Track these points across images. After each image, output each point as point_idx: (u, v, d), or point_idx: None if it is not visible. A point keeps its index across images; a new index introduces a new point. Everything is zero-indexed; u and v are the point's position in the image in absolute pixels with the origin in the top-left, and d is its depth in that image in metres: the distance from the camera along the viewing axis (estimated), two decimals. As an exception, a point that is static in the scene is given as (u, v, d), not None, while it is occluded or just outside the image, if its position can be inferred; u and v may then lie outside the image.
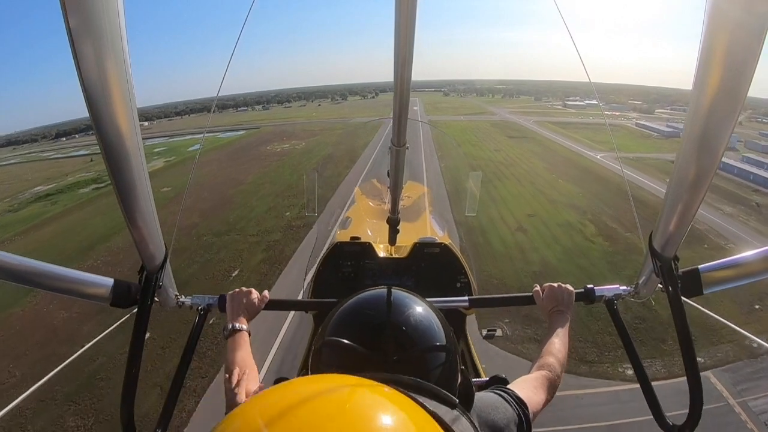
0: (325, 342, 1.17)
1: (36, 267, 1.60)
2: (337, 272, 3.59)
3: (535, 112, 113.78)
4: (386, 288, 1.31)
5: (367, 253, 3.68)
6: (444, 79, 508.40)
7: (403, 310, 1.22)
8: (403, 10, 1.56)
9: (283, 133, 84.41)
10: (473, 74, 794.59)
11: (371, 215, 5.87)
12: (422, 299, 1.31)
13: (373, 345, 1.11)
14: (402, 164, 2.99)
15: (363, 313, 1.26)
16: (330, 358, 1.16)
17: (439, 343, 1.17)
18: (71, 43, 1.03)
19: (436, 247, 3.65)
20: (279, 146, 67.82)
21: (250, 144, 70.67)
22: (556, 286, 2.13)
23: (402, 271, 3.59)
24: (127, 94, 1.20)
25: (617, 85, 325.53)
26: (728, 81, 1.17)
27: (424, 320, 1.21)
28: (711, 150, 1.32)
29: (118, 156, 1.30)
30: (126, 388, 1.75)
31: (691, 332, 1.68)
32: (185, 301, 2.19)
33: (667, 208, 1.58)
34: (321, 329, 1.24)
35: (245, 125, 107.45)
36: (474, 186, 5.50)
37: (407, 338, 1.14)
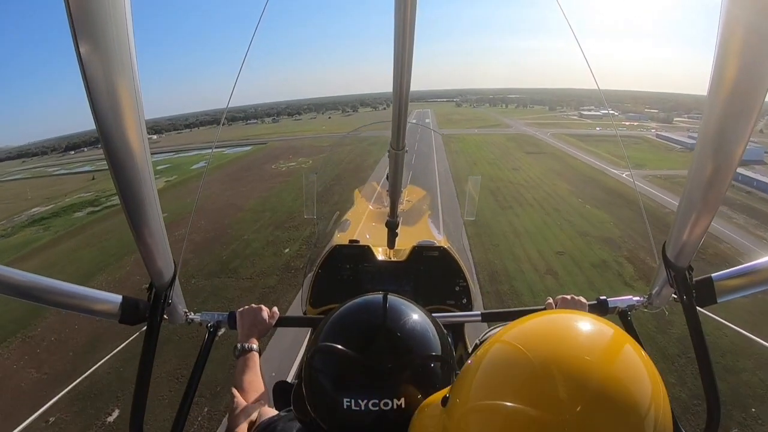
0: (318, 348, 1.17)
1: (44, 283, 1.60)
2: (336, 275, 3.67)
3: (550, 124, 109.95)
4: (382, 294, 1.30)
5: (365, 257, 3.74)
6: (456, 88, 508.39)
7: (398, 317, 1.22)
8: (403, 17, 1.58)
9: (291, 149, 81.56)
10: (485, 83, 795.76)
11: (370, 218, 5.90)
12: (418, 306, 1.31)
13: (367, 351, 1.09)
14: (401, 168, 3.03)
15: (357, 318, 1.26)
16: (323, 364, 1.16)
17: (434, 352, 1.16)
18: (79, 59, 1.03)
19: (435, 251, 3.72)
20: (285, 164, 64.85)
21: (256, 162, 67.62)
22: (569, 298, 2.19)
23: (401, 275, 3.69)
24: (135, 109, 1.22)
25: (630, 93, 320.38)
26: (744, 85, 1.16)
27: (420, 328, 1.21)
28: (726, 158, 1.32)
29: (127, 172, 1.32)
30: (135, 406, 1.75)
31: (706, 341, 1.70)
32: (195, 318, 2.21)
33: (681, 218, 1.59)
34: (315, 335, 1.25)
35: (253, 140, 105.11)
36: (473, 190, 5.57)
37: (403, 345, 1.14)
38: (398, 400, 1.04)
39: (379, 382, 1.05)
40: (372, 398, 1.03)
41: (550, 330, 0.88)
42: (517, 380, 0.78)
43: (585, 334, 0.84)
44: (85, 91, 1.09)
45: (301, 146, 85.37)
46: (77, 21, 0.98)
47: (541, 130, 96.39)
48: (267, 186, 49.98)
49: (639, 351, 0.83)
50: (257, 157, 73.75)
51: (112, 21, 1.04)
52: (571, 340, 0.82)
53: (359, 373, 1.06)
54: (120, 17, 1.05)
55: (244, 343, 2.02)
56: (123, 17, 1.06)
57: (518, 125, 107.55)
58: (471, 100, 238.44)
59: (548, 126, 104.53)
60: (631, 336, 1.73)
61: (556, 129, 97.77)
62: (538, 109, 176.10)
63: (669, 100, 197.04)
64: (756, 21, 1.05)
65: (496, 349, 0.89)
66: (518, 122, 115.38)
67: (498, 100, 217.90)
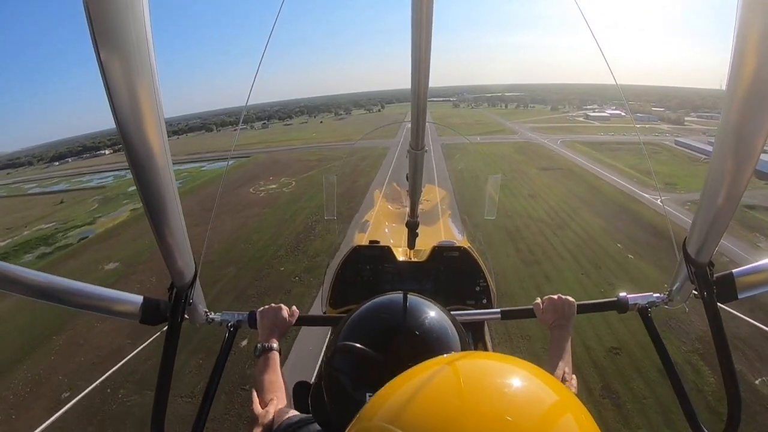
0: (338, 347, 1.18)
1: (66, 285, 1.67)
2: (356, 276, 3.73)
3: (557, 128, 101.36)
4: (401, 293, 1.34)
5: (385, 257, 3.80)
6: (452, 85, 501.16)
7: (417, 316, 1.25)
8: (421, 15, 1.63)
9: (275, 165, 73.59)
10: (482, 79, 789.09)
11: (390, 219, 6.09)
12: (437, 305, 1.34)
13: (387, 350, 1.11)
14: (421, 168, 3.15)
15: (376, 318, 1.30)
16: (343, 364, 1.17)
17: (453, 350, 1.17)
18: (99, 63, 1.05)
19: (455, 251, 3.76)
20: (265, 187, 57.07)
21: (233, 183, 59.52)
22: (557, 298, 2.20)
23: (421, 275, 3.73)
24: (155, 110, 1.24)
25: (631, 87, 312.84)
26: (764, 77, 1.14)
27: (438, 326, 1.23)
28: (747, 151, 1.31)
29: (148, 173, 1.34)
30: (156, 405, 1.78)
31: (727, 338, 1.71)
32: (215, 317, 2.27)
33: (702, 213, 1.59)
34: (334, 335, 1.28)
35: (237, 151, 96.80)
36: (492, 190, 5.46)
37: (422, 343, 1.15)
38: None
39: None
40: None
41: (442, 403, 0.71)
42: None
43: (490, 402, 0.70)
44: (106, 93, 1.11)
45: (287, 160, 77.61)
46: (97, 26, 0.99)
47: (549, 136, 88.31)
48: (238, 222, 41.74)
49: (579, 417, 0.71)
50: (236, 177, 65.64)
51: (131, 25, 1.05)
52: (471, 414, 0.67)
53: (379, 371, 1.02)
54: (139, 20, 1.06)
55: (264, 343, 2.06)
56: (142, 20, 1.07)
57: (523, 130, 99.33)
58: (468, 100, 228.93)
59: (556, 131, 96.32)
60: (650, 333, 2.10)
61: (565, 134, 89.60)
62: (539, 108, 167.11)
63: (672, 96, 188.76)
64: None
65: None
66: (522, 126, 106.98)
67: (497, 99, 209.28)
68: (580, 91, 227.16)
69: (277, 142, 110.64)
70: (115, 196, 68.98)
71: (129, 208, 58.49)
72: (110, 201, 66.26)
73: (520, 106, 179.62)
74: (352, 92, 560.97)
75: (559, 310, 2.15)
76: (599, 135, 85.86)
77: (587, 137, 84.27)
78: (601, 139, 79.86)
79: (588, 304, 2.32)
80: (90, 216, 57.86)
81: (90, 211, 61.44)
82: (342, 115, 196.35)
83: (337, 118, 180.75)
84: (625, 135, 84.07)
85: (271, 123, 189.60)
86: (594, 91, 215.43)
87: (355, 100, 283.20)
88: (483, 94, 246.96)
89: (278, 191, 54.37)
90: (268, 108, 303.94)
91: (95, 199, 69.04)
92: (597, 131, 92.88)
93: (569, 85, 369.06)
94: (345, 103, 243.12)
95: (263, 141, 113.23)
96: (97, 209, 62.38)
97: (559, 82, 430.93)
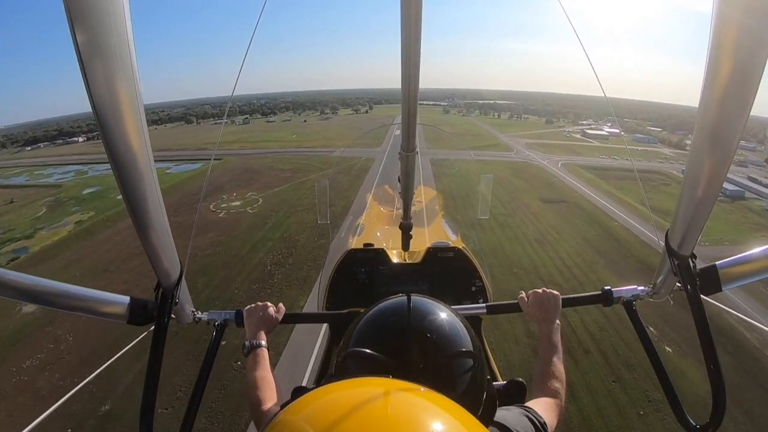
0: (349, 353, 1.17)
1: (51, 287, 1.64)
2: (352, 279, 3.71)
3: (555, 146, 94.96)
4: (407, 295, 1.33)
5: (380, 260, 3.80)
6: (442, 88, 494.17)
7: (426, 317, 1.24)
8: (410, 17, 1.64)
9: (245, 174, 65.74)
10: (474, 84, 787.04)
11: (384, 221, 6.11)
12: (445, 305, 1.34)
13: (398, 354, 1.10)
14: (412, 169, 3.16)
15: (386, 321, 1.29)
16: (355, 369, 1.15)
17: (465, 348, 1.17)
18: (80, 60, 1.03)
19: (449, 252, 3.78)
20: (227, 204, 49.43)
21: (195, 194, 51.12)
22: (541, 292, 2.19)
23: (416, 277, 3.74)
24: (136, 108, 1.23)
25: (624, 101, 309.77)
26: (740, 71, 1.18)
27: (449, 326, 1.23)
28: (724, 144, 1.36)
29: (129, 172, 1.33)
30: (144, 405, 1.76)
31: (711, 330, 1.73)
32: (202, 317, 2.26)
33: (683, 206, 1.62)
34: (344, 340, 1.27)
35: (209, 151, 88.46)
36: (485, 189, 5.55)
37: (432, 345, 1.14)
38: None
39: (411, 380, 0.97)
40: None
41: None
42: None
43: None
44: (87, 92, 1.09)
45: (259, 168, 69.81)
46: (74, 11, 0.96)
47: (548, 155, 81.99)
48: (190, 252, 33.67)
49: None
50: (200, 186, 57.76)
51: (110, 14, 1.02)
52: None
53: (392, 375, 0.99)
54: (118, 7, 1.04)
55: (252, 340, 2.06)
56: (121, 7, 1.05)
57: (519, 147, 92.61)
58: (460, 106, 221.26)
59: (554, 149, 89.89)
60: (636, 326, 2.13)
61: (565, 155, 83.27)
62: (533, 120, 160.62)
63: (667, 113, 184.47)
64: (748, 18, 1.08)
65: None
66: (518, 141, 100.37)
67: (488, 107, 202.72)
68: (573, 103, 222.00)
69: (254, 143, 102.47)
70: (66, 200, 62.20)
71: (75, 220, 51.23)
72: (59, 206, 59.52)
73: (513, 116, 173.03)
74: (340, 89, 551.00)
75: (545, 304, 2.13)
76: (601, 158, 79.69)
77: (589, 160, 78.05)
78: (604, 163, 73.58)
79: (573, 297, 2.32)
80: (32, 225, 51.02)
81: (35, 218, 54.44)
82: (328, 114, 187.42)
83: (322, 118, 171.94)
84: (628, 160, 78.34)
85: (254, 118, 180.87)
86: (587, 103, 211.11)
87: (343, 97, 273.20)
88: (475, 101, 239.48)
89: (241, 211, 46.86)
90: (254, 101, 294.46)
91: (46, 202, 62.12)
92: (597, 153, 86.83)
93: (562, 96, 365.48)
94: (332, 101, 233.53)
95: (240, 140, 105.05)
96: (42, 216, 55.30)
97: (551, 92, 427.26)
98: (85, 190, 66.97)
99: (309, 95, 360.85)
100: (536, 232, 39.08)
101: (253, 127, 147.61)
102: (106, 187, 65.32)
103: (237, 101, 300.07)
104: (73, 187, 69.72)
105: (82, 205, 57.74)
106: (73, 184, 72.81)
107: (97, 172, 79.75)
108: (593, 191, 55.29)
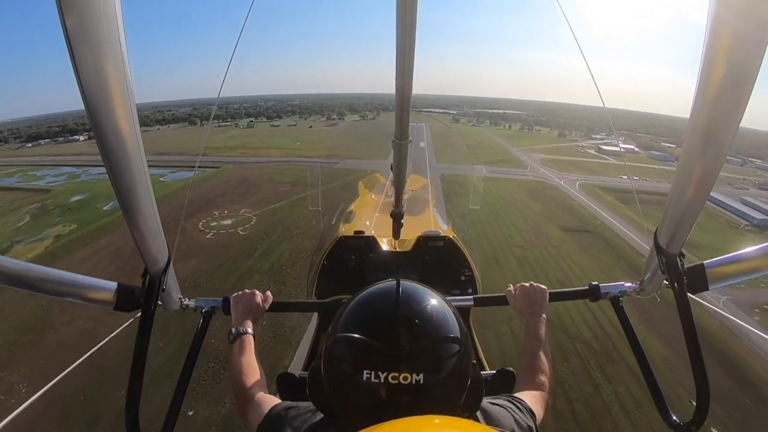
0: (337, 338, 1.18)
1: (38, 271, 1.63)
2: (342, 266, 3.73)
3: (570, 163, 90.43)
4: (395, 280, 1.31)
5: (371, 247, 3.81)
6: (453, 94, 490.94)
7: (413, 302, 1.24)
8: (404, 7, 1.66)
9: (241, 185, 62.30)
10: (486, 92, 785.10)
11: (375, 209, 6.09)
12: (433, 290, 1.32)
13: (385, 337, 1.11)
14: (405, 158, 3.17)
15: (373, 306, 1.28)
16: (342, 353, 1.16)
17: (452, 334, 1.17)
18: (69, 45, 1.04)
19: (440, 241, 3.79)
20: (218, 222, 45.55)
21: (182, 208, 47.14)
22: (528, 286, 2.17)
23: (406, 265, 3.77)
24: (126, 95, 1.23)
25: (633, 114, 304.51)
26: (733, 73, 1.20)
27: (436, 311, 1.22)
28: (717, 145, 1.37)
29: (119, 159, 1.34)
30: (130, 392, 1.76)
31: (696, 328, 1.76)
32: (189, 303, 2.24)
33: (672, 205, 1.62)
34: (332, 325, 1.26)
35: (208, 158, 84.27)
36: (477, 181, 6.25)
37: (419, 329, 1.15)
38: (417, 375, 1.05)
39: (398, 362, 1.06)
40: (392, 372, 1.05)
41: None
42: None
43: None
44: (76, 78, 1.09)
45: (256, 179, 66.08)
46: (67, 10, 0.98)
47: (563, 174, 77.64)
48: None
49: None
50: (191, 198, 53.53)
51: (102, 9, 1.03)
52: None
53: (379, 356, 1.08)
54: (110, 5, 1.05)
55: (238, 327, 2.04)
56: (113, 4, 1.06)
57: (533, 163, 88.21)
58: (470, 115, 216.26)
59: (569, 167, 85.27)
60: (622, 322, 2.16)
61: (582, 174, 78.73)
62: (544, 132, 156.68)
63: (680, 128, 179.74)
64: (743, 22, 1.10)
65: None
66: (531, 157, 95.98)
67: (499, 117, 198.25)
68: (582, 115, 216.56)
69: (255, 149, 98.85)
70: (52, 208, 58.89)
71: (55, 233, 47.50)
72: (43, 215, 56.20)
73: (525, 127, 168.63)
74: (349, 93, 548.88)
75: (532, 298, 2.13)
76: (620, 178, 74.48)
77: (607, 180, 73.16)
78: (625, 185, 67.65)
79: (561, 292, 2.31)
80: (10, 238, 47.78)
81: (15, 229, 51.06)
82: (334, 120, 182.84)
83: (328, 124, 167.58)
84: (648, 180, 73.71)
85: (259, 122, 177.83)
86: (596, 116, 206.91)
87: (351, 102, 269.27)
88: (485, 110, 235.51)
89: (231, 232, 42.93)
90: (261, 102, 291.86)
91: (31, 209, 58.79)
92: (615, 172, 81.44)
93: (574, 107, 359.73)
94: (339, 106, 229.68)
95: (240, 146, 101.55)
96: (24, 227, 51.88)
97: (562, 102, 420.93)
98: (72, 197, 63.71)
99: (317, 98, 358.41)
100: (559, 272, 34.83)
101: (257, 131, 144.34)
102: (94, 194, 62.02)
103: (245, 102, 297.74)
104: (61, 193, 66.42)
105: (66, 216, 54.34)
106: (62, 189, 69.61)
107: (89, 176, 76.88)
108: (616, 219, 50.67)
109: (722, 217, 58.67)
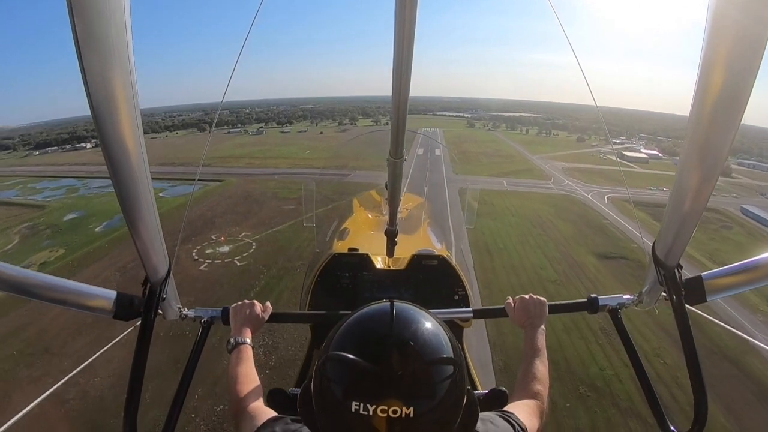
0: (329, 357, 1.18)
1: (37, 279, 1.64)
2: (335, 283, 3.70)
3: (594, 173, 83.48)
4: (390, 301, 1.33)
5: (364, 265, 3.77)
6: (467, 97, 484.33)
7: (407, 323, 1.24)
8: (402, 23, 1.65)
9: (243, 203, 58.80)
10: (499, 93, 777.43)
11: (369, 226, 5.99)
12: (427, 312, 1.33)
13: (377, 359, 1.10)
14: (399, 176, 3.14)
15: (367, 327, 1.28)
16: (333, 373, 1.16)
17: (445, 355, 1.17)
18: (79, 56, 1.06)
19: (434, 260, 3.75)
20: (213, 249, 41.73)
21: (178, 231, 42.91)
22: (528, 298, 2.19)
23: (400, 283, 3.73)
24: (132, 106, 1.26)
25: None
26: (730, 86, 1.21)
27: (430, 333, 1.22)
28: (713, 158, 1.39)
29: (123, 168, 1.38)
30: (129, 401, 1.77)
31: (694, 339, 1.77)
32: (188, 313, 2.24)
33: (670, 217, 1.66)
34: (325, 344, 1.27)
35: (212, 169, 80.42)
36: (472, 200, 6.06)
37: (412, 351, 1.15)
38: (408, 407, 1.04)
39: (389, 389, 1.05)
40: (381, 404, 1.03)
41: None
42: None
43: None
44: (84, 88, 1.12)
45: (260, 195, 62.22)
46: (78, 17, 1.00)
47: (588, 186, 72.11)
48: (126, 352, 24.76)
49: None
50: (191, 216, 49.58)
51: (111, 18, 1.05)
52: None
53: (370, 381, 1.07)
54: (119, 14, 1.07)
55: (237, 337, 2.04)
56: (122, 13, 1.08)
57: (556, 173, 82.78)
58: (485, 118, 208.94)
59: (594, 177, 78.99)
60: (620, 334, 2.16)
61: (608, 185, 72.12)
62: (563, 137, 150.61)
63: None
64: (741, 31, 1.11)
65: None
66: (552, 165, 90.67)
67: (514, 121, 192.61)
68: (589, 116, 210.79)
69: (262, 159, 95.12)
70: (43, 229, 55.63)
71: (41, 260, 44.03)
72: (33, 237, 53.32)
73: (542, 132, 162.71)
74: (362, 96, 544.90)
75: (531, 310, 2.14)
76: (649, 189, 69.45)
77: (637, 193, 67.86)
78: (657, 199, 61.38)
79: (559, 304, 2.31)
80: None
81: (2, 252, 47.67)
82: (346, 125, 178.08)
83: (340, 129, 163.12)
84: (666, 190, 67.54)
85: (269, 127, 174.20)
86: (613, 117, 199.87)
87: (364, 105, 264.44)
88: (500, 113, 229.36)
89: (228, 262, 38.93)
90: (273, 106, 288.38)
91: (22, 229, 55.90)
92: (643, 182, 75.12)
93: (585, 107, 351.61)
94: (351, 110, 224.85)
95: (247, 155, 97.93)
96: (12, 250, 48.78)
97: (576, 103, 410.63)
98: (67, 215, 60.43)
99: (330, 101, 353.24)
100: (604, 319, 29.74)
101: (267, 138, 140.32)
102: (90, 211, 58.85)
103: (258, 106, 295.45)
104: (56, 210, 63.29)
105: (56, 239, 51.14)
106: (58, 205, 66.42)
107: (88, 190, 74.18)
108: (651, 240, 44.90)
109: (759, 232, 53.39)
